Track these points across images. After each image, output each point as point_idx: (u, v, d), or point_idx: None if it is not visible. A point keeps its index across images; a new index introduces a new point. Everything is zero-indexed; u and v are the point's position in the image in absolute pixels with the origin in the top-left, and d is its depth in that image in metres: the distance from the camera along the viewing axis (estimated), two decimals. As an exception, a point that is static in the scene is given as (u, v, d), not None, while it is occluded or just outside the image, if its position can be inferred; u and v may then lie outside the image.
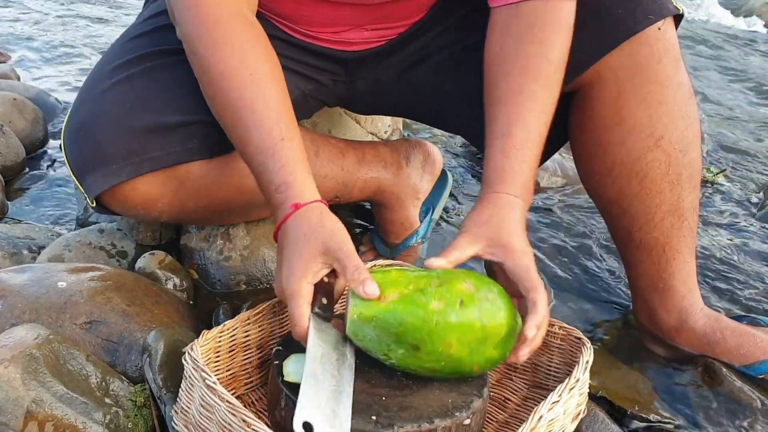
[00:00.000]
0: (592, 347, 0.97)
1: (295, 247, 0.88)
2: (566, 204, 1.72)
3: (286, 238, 0.90)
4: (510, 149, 0.98)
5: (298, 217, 0.89)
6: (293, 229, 0.89)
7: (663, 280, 1.20)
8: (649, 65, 1.08)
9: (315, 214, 0.90)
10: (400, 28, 1.20)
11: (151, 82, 1.06)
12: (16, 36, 2.64)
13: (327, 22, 1.15)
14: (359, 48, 1.20)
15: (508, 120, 0.99)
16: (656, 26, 1.06)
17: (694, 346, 1.21)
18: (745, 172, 1.99)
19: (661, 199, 1.15)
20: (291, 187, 0.91)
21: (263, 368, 1.02)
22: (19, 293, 1.06)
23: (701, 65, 2.92)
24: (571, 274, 1.45)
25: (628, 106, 1.10)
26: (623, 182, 1.15)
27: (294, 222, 0.90)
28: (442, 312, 0.84)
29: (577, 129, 1.18)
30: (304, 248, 0.88)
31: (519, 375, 1.07)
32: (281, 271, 0.89)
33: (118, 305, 1.07)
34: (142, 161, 1.03)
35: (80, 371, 0.94)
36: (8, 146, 1.62)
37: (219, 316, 1.19)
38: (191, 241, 1.31)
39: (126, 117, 1.03)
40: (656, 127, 1.11)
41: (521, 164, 0.97)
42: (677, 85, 1.11)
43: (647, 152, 1.12)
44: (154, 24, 1.15)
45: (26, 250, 1.30)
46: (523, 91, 1.00)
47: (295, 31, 1.17)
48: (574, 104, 1.16)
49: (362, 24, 1.16)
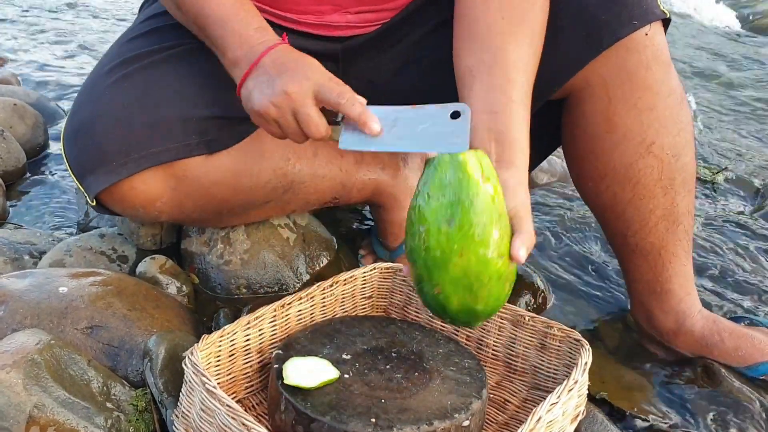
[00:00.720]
0: (591, 349, 0.97)
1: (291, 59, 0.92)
2: (560, 204, 1.73)
3: (277, 59, 0.93)
4: (501, 64, 0.92)
5: (287, 46, 0.95)
6: (285, 50, 0.95)
7: (660, 283, 1.21)
8: (638, 72, 1.07)
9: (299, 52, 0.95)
10: (385, 13, 1.18)
11: (149, 80, 1.07)
12: (17, 41, 2.64)
13: (309, 0, 1.14)
14: (344, 33, 1.18)
15: (498, 47, 0.94)
16: (643, 32, 1.06)
17: (692, 348, 1.22)
18: (743, 172, 1.99)
19: (655, 204, 1.15)
20: (269, 29, 0.98)
21: (263, 372, 1.02)
22: (21, 299, 1.06)
23: (699, 64, 2.92)
24: (570, 275, 1.45)
25: (619, 113, 1.10)
26: (616, 188, 1.15)
27: (285, 48, 0.94)
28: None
29: (569, 136, 1.18)
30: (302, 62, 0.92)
31: (518, 377, 1.08)
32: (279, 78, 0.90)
33: (119, 310, 1.08)
34: (141, 158, 1.04)
35: (82, 376, 0.95)
36: (9, 151, 1.62)
37: (219, 320, 1.20)
38: (192, 245, 1.32)
39: (125, 114, 1.04)
40: (647, 134, 1.11)
41: (517, 76, 0.92)
42: (668, 90, 1.10)
43: (639, 158, 1.12)
44: (151, 25, 1.16)
45: (27, 255, 1.31)
46: (506, 30, 0.96)
47: (280, 18, 1.16)
48: (566, 111, 1.16)
49: (345, 6, 1.15)
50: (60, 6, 3.08)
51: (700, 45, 3.19)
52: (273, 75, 0.91)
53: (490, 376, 1.08)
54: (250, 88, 0.94)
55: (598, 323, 1.32)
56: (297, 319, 1.06)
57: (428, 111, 0.82)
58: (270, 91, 0.90)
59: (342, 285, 1.12)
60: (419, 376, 0.92)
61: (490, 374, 1.08)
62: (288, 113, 0.90)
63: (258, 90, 0.92)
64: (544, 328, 1.04)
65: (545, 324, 1.04)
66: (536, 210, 1.68)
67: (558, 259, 1.50)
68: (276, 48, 0.94)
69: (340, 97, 0.86)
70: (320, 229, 1.39)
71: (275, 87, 0.90)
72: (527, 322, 1.06)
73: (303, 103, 0.89)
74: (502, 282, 0.85)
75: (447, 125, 0.81)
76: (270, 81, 0.91)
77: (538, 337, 1.05)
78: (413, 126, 0.82)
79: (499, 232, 0.82)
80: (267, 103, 0.91)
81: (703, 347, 1.21)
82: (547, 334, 1.04)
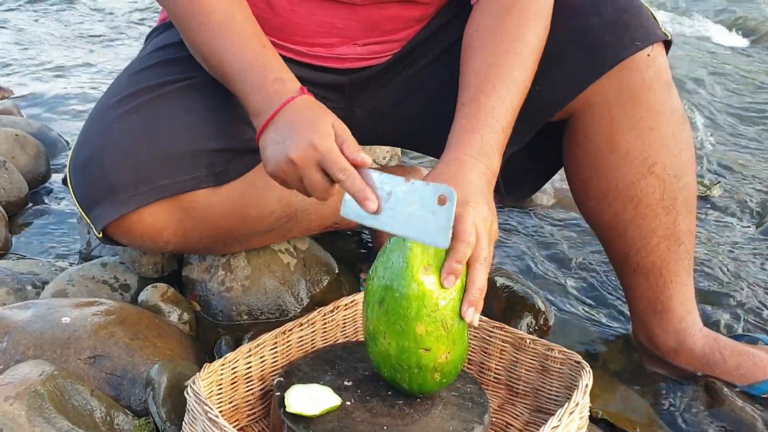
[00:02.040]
0: (592, 370, 0.97)
1: (313, 114, 0.93)
2: (559, 225, 1.73)
3: (298, 112, 0.94)
4: (474, 114, 0.98)
5: (307, 98, 0.96)
6: (305, 102, 0.95)
7: (661, 302, 1.21)
8: (640, 92, 1.09)
9: (317, 101, 0.97)
10: (393, 44, 1.21)
11: (158, 112, 1.08)
12: (18, 71, 2.67)
13: (318, 32, 1.16)
14: (353, 65, 1.21)
15: (478, 88, 1.00)
16: (645, 53, 1.07)
17: (693, 366, 1.22)
18: (743, 188, 2.00)
19: (657, 223, 1.16)
20: (289, 78, 0.98)
21: (265, 399, 1.02)
22: (24, 329, 1.07)
23: (699, 80, 2.93)
24: (570, 296, 1.45)
25: (621, 133, 1.11)
26: (618, 208, 1.16)
27: (305, 99, 0.96)
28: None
29: (571, 156, 1.19)
30: (323, 117, 0.93)
31: (520, 399, 1.08)
32: (304, 133, 0.91)
33: (121, 339, 1.08)
34: (150, 190, 1.04)
35: (85, 406, 0.95)
36: (11, 182, 1.63)
37: (221, 347, 1.20)
38: (193, 272, 1.33)
39: (133, 147, 1.05)
40: (649, 154, 1.12)
41: (484, 128, 0.97)
42: (670, 110, 1.12)
43: (641, 178, 1.13)
44: (160, 57, 1.16)
45: (30, 285, 1.32)
46: (495, 63, 1.01)
47: (290, 51, 1.18)
48: (568, 131, 1.17)
49: (353, 37, 1.17)
50: (61, 36, 3.11)
51: (697, 60, 3.21)
52: (284, 135, 0.92)
53: (492, 399, 1.08)
54: (264, 145, 0.96)
55: (599, 343, 1.32)
56: (298, 345, 1.06)
57: (418, 189, 0.84)
58: (279, 155, 0.92)
59: (343, 310, 1.12)
60: (421, 402, 0.92)
61: (492, 397, 1.08)
62: (295, 177, 0.92)
63: (269, 150, 0.94)
64: (545, 350, 1.05)
65: (546, 346, 1.05)
66: (535, 232, 1.69)
67: (558, 279, 1.51)
68: (291, 103, 0.95)
69: (341, 174, 0.87)
70: (321, 254, 1.40)
71: (283, 152, 0.92)
72: (528, 345, 1.06)
73: (308, 171, 0.91)
74: (426, 372, 0.88)
75: (433, 212, 0.83)
76: (281, 143, 0.92)
77: (539, 359, 1.05)
78: (404, 206, 0.85)
79: (428, 327, 0.84)
80: (276, 167, 0.93)
81: (704, 365, 1.21)
82: (548, 357, 1.04)
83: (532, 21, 1.04)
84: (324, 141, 0.89)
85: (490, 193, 0.94)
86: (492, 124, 0.97)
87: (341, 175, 0.87)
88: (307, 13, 1.14)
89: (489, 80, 1.00)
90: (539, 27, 1.04)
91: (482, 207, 0.89)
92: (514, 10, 1.04)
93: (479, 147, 0.95)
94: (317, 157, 0.89)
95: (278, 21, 1.15)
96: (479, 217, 0.87)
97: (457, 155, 0.95)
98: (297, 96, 0.96)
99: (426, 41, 1.22)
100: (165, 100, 1.09)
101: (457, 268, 0.85)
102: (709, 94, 2.79)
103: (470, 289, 0.86)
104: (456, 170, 0.93)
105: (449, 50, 1.21)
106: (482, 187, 0.92)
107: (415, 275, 0.84)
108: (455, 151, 0.95)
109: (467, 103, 1.00)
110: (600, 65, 1.08)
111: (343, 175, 0.87)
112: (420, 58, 1.23)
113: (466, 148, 0.95)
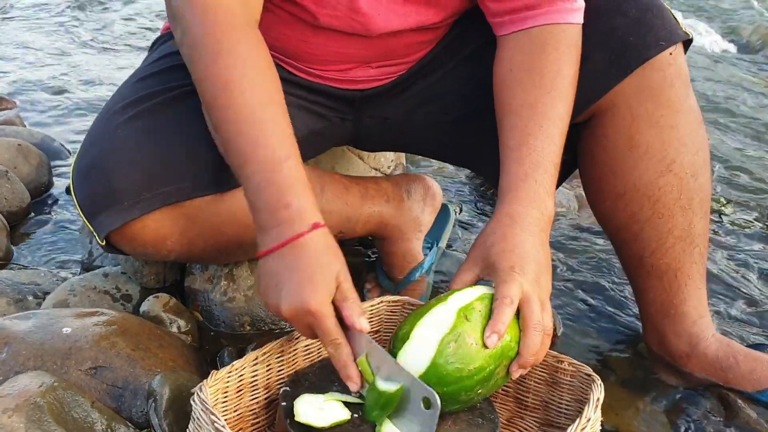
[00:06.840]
0: (603, 383, 0.95)
1: (317, 264, 0.86)
2: (570, 234, 1.72)
3: (304, 255, 0.86)
4: (525, 158, 0.98)
5: (318, 235, 0.88)
6: (314, 244, 0.87)
7: (674, 306, 1.19)
8: (661, 90, 1.09)
9: (331, 239, 0.90)
10: (406, 65, 1.21)
11: (162, 118, 1.06)
12: (21, 82, 2.66)
13: (333, 60, 1.15)
14: (366, 86, 1.20)
15: (524, 130, 1.00)
16: (668, 51, 1.08)
17: (706, 371, 1.20)
18: (755, 199, 1.98)
19: (673, 223, 1.15)
20: (305, 207, 0.88)
21: (270, 408, 1.00)
22: (24, 340, 1.05)
23: (706, 91, 2.92)
24: (580, 304, 1.44)
25: (641, 131, 1.11)
26: (635, 207, 1.15)
27: (315, 238, 0.87)
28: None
29: (588, 155, 1.18)
30: (327, 268, 0.86)
31: (529, 413, 1.06)
32: (300, 288, 0.85)
33: (123, 350, 1.06)
34: (154, 197, 1.03)
35: (85, 418, 0.93)
36: (13, 192, 1.62)
37: (224, 358, 1.18)
38: (195, 282, 1.31)
39: (137, 153, 1.03)
40: (668, 152, 1.11)
41: (536, 171, 0.97)
42: (688, 109, 1.12)
43: (659, 177, 1.12)
44: (165, 64, 1.15)
45: (31, 296, 1.30)
46: (538, 102, 1.01)
47: (301, 71, 1.17)
48: (585, 131, 1.16)
49: (367, 61, 1.17)
50: (63, 46, 3.11)
51: (701, 72, 3.21)
52: (282, 279, 0.87)
53: (501, 413, 1.06)
54: (262, 272, 0.90)
55: (609, 352, 1.31)
56: (304, 354, 1.04)
57: (406, 379, 0.84)
58: (272, 300, 0.88)
59: (349, 320, 1.10)
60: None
61: (501, 410, 1.06)
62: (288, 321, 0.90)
63: (264, 283, 0.90)
64: (555, 362, 1.02)
65: (556, 358, 1.02)
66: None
67: (567, 288, 1.49)
68: (300, 240, 0.87)
69: (329, 346, 0.86)
70: (325, 264, 1.38)
71: (276, 301, 0.87)
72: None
73: (298, 327, 0.89)
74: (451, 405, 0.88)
75: (418, 415, 0.83)
76: (276, 287, 0.87)
77: (549, 372, 1.03)
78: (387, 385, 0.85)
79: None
80: (268, 307, 0.91)
81: (717, 370, 1.19)
82: (557, 369, 1.02)
83: (567, 54, 1.04)
84: (319, 305, 0.84)
85: (543, 242, 0.94)
86: (545, 165, 0.98)
87: (329, 348, 0.86)
88: (322, 44, 1.13)
89: (534, 121, 1.00)
90: (574, 57, 1.05)
91: (529, 270, 0.90)
92: (549, 46, 1.04)
93: (533, 194, 0.96)
94: (309, 320, 0.85)
95: (292, 48, 1.15)
96: (526, 280, 0.88)
97: (510, 210, 0.95)
98: (308, 232, 0.87)
99: (439, 55, 1.21)
100: (169, 107, 1.07)
101: (500, 329, 0.85)
102: (703, 100, 2.78)
103: (523, 354, 0.87)
104: (506, 231, 0.93)
105: (463, 63, 1.21)
106: (533, 244, 0.93)
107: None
108: (509, 206, 0.96)
109: (516, 147, 0.99)
110: (625, 66, 1.08)
111: (331, 348, 0.86)
112: (433, 72, 1.22)
113: (520, 199, 0.95)
